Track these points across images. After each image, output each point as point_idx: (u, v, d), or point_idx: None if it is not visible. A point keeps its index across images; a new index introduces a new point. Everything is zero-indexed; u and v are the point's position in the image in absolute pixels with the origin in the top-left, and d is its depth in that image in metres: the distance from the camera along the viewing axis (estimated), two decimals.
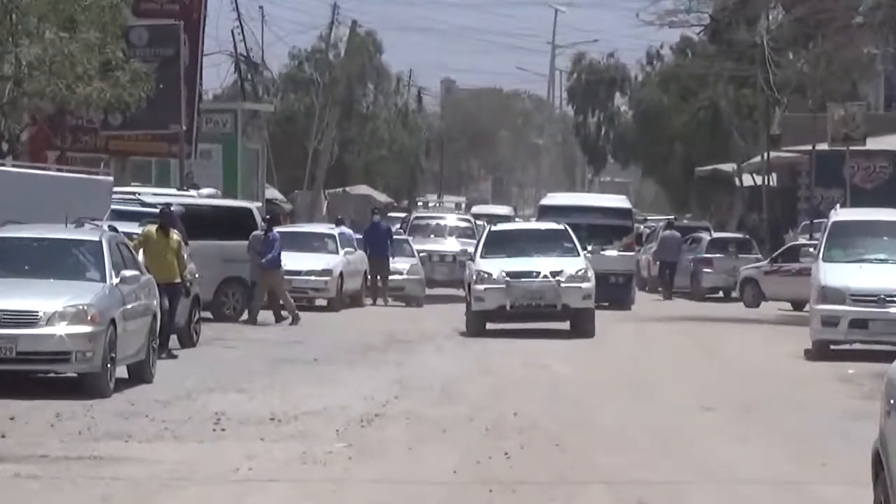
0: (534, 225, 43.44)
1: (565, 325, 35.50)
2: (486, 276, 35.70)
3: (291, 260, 43.11)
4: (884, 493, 12.73)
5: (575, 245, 37.61)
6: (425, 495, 15.82)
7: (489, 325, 35.67)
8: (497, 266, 35.96)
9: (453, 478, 16.81)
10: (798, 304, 50.26)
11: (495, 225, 46.22)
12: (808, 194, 62.40)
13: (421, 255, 54.60)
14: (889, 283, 33.86)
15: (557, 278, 35.45)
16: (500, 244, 38.25)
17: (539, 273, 35.81)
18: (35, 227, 27.40)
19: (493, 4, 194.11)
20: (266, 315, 40.89)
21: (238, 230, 40.21)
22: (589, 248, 41.66)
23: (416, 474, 17.08)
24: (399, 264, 52.57)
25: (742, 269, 57.64)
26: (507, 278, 35.50)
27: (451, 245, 58.40)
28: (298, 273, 45.40)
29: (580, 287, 35.60)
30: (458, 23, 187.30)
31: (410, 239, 57.27)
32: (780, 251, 57.25)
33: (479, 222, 70.15)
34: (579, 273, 35.92)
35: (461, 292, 40.55)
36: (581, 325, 35.73)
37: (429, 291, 53.22)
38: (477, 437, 19.89)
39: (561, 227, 39.12)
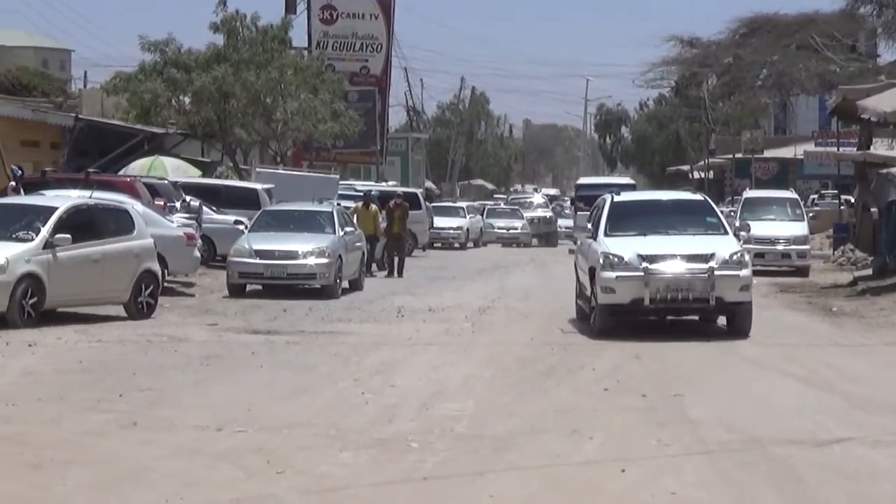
0: (667, 194, 22.59)
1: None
2: (615, 260, 16.71)
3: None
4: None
5: (720, 220, 18.27)
6: (514, 350, 15.53)
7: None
8: (629, 247, 16.97)
9: (531, 342, 16.60)
10: None
11: (618, 194, 19.46)
12: (730, 183, 61.40)
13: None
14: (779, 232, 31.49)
15: (710, 264, 16.55)
16: (626, 219, 18.14)
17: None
18: (296, 204, 27.46)
19: (550, 78, 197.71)
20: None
21: (413, 204, 39.54)
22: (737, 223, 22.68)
23: (510, 340, 16.88)
24: (515, 222, 52.15)
25: None
26: (646, 264, 16.54)
27: (539, 212, 56.58)
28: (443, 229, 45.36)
29: (738, 275, 16.64)
30: (532, 87, 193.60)
31: (518, 209, 56.03)
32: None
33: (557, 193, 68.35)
34: (734, 258, 16.81)
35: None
36: (737, 323, 16.96)
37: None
38: (544, 320, 19.57)
39: (701, 197, 20.29)
